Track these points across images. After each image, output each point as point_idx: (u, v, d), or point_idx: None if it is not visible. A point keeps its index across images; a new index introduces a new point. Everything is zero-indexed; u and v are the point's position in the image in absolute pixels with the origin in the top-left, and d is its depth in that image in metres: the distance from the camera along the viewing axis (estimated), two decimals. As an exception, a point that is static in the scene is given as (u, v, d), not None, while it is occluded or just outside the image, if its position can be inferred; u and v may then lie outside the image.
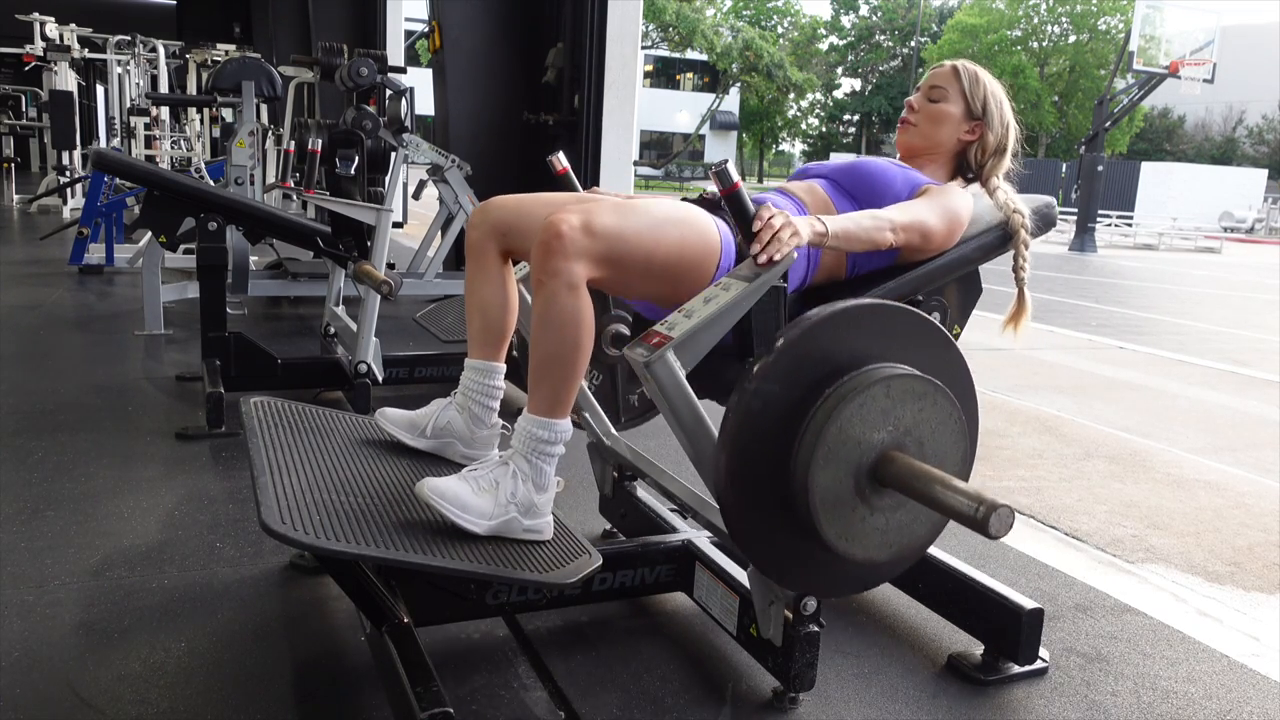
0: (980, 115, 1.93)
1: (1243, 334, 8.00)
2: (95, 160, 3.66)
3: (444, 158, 5.00)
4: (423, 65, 12.61)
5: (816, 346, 1.41)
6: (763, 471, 1.42)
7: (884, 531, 1.45)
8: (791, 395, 1.41)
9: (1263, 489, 3.50)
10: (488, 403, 1.82)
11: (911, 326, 1.50)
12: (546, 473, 1.59)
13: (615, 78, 4.92)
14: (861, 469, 1.41)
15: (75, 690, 1.61)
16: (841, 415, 1.38)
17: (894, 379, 1.41)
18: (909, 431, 1.43)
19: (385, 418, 1.84)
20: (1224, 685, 1.90)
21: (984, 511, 1.23)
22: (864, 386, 1.39)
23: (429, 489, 1.51)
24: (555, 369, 1.55)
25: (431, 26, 5.84)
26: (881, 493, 1.43)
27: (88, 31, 10.62)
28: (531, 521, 1.57)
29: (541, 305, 1.52)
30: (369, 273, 3.18)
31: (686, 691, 1.73)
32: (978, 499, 1.25)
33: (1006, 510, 1.23)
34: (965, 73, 1.94)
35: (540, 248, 1.51)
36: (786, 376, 1.40)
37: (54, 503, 2.42)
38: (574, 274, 1.50)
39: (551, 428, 1.57)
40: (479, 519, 1.52)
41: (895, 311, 1.49)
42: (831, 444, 1.38)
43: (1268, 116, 39.43)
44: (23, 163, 15.02)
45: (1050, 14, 39.66)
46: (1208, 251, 20.05)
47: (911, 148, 1.97)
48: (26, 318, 4.76)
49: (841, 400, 1.39)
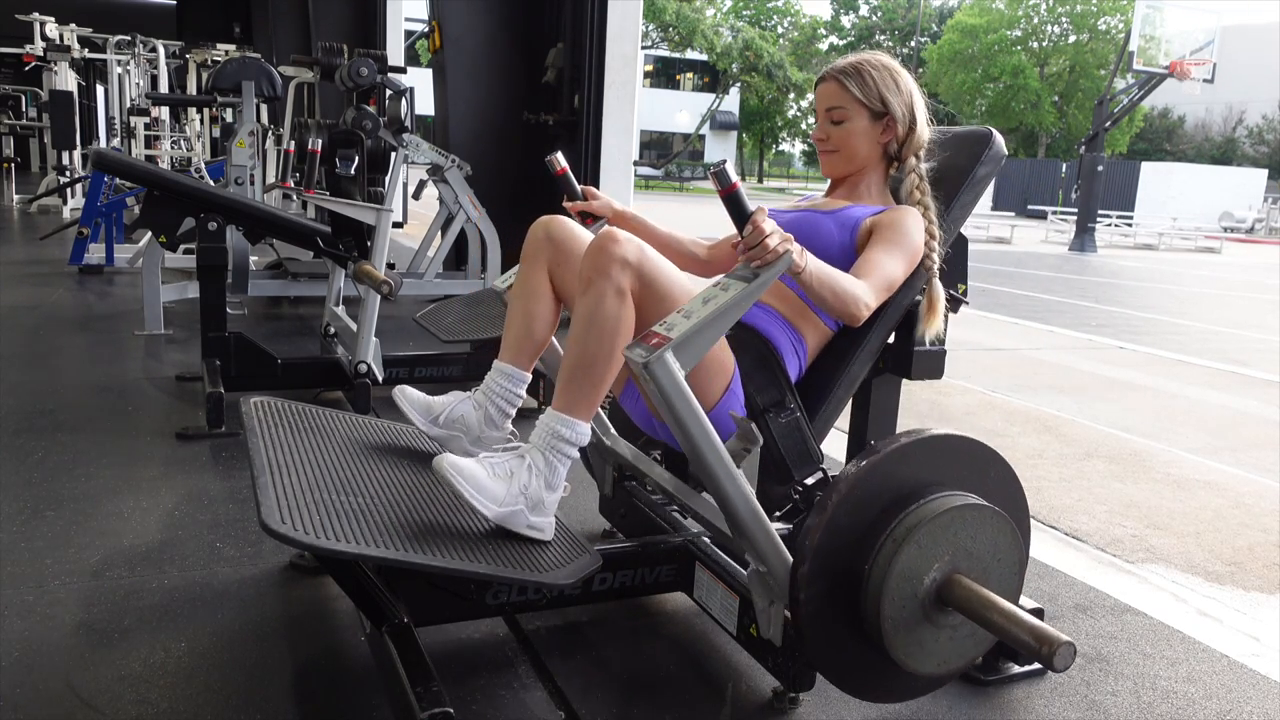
0: (884, 110, 1.88)
1: (1243, 334, 8.00)
2: (95, 160, 3.66)
3: (444, 158, 5.00)
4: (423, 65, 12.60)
5: (878, 481, 1.49)
6: (836, 598, 1.49)
7: (947, 649, 1.52)
8: (859, 528, 1.48)
9: (1263, 489, 3.50)
10: (506, 407, 1.82)
11: (966, 452, 1.58)
12: (560, 471, 1.60)
13: (615, 78, 4.92)
14: (928, 593, 1.48)
15: (75, 690, 1.61)
16: (913, 543, 1.46)
17: (960, 509, 1.49)
18: (970, 554, 1.50)
19: (404, 395, 1.84)
20: (1224, 685, 1.90)
21: (1048, 651, 1.31)
22: (929, 517, 1.47)
23: (448, 464, 1.51)
24: (589, 370, 1.56)
25: (431, 26, 5.84)
26: (946, 612, 1.50)
27: (88, 31, 10.62)
28: (536, 519, 1.58)
29: (589, 305, 1.54)
30: (369, 273, 3.18)
31: (687, 691, 1.73)
32: (1042, 638, 1.33)
33: (1069, 648, 1.31)
34: (850, 79, 1.88)
35: (595, 250, 1.55)
36: (853, 512, 1.48)
37: (54, 503, 2.42)
38: (623, 280, 1.54)
39: (573, 427, 1.58)
40: (491, 502, 1.52)
41: (951, 441, 1.57)
42: (902, 570, 1.46)
43: (1268, 116, 39.43)
44: (23, 163, 15.02)
45: (1050, 14, 39.67)
46: (1208, 251, 20.05)
47: (838, 173, 1.96)
48: (27, 318, 4.76)
49: (909, 531, 1.46)
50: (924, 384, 1.92)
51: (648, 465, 2.01)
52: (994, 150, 1.94)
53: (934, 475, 1.53)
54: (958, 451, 1.57)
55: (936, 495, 1.51)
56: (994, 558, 1.53)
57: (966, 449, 1.58)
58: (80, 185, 9.03)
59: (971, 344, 6.33)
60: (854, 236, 1.82)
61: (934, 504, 1.49)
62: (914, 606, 1.47)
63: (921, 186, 1.86)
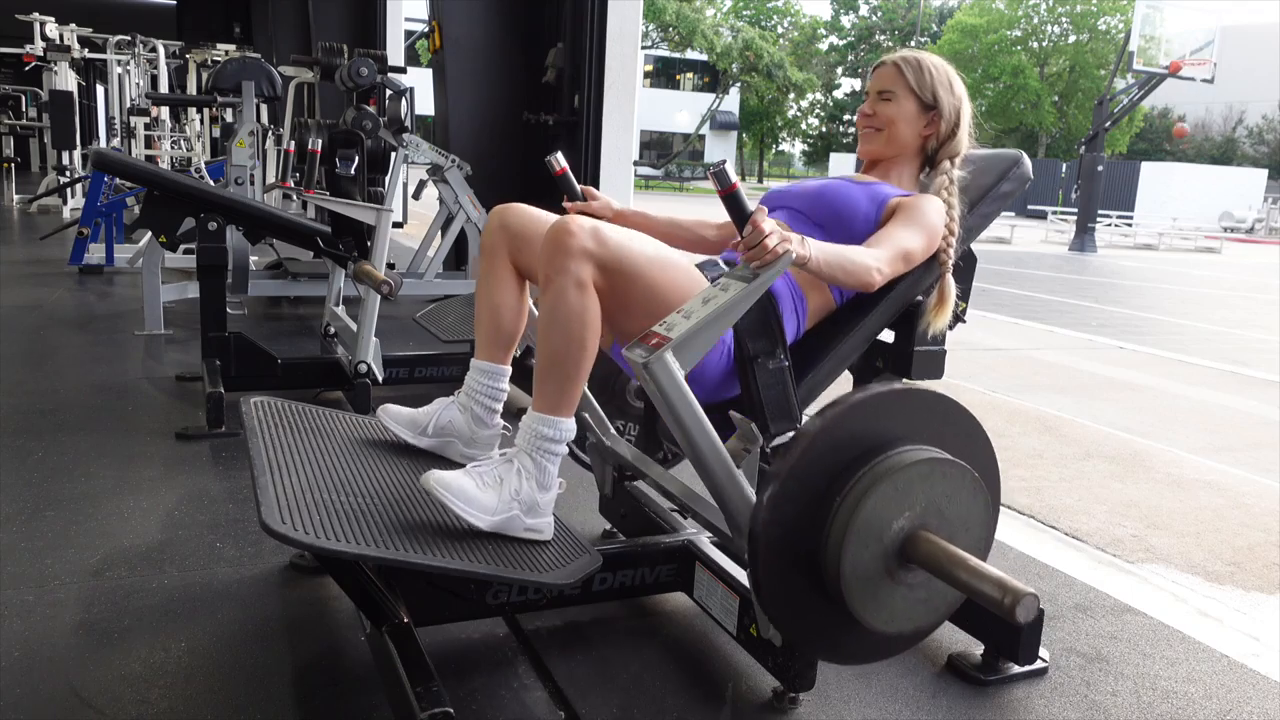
0: (934, 104, 1.90)
1: (1243, 334, 8.00)
2: (95, 160, 3.66)
3: (444, 158, 5.00)
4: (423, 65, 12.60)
5: (845, 432, 1.47)
6: (795, 550, 1.47)
7: (909, 606, 1.50)
8: (822, 479, 1.46)
9: (1263, 489, 3.50)
10: (491, 404, 1.82)
11: (937, 408, 1.55)
12: (550, 471, 1.59)
13: (615, 78, 4.92)
14: (891, 545, 1.46)
15: (75, 690, 1.61)
16: (873, 498, 1.43)
17: (923, 462, 1.46)
18: (937, 511, 1.48)
19: (387, 414, 1.85)
20: (1224, 685, 1.90)
21: (1010, 601, 1.29)
22: (894, 470, 1.44)
23: (435, 480, 1.51)
24: (561, 368, 1.56)
25: (431, 26, 5.84)
26: (909, 570, 1.47)
27: (88, 31, 10.62)
28: (533, 520, 1.58)
29: (550, 302, 1.53)
30: (369, 273, 3.18)
31: (687, 691, 1.73)
32: (1004, 589, 1.31)
33: (1032, 599, 1.29)
34: (908, 66, 1.90)
35: (549, 243, 1.53)
36: (817, 462, 1.45)
37: (54, 503, 2.42)
38: (582, 272, 1.52)
39: (556, 425, 1.58)
40: (483, 513, 1.52)
41: (922, 395, 1.54)
42: (863, 523, 1.43)
43: (1268, 116, 39.45)
44: (23, 163, 15.02)
45: (1050, 14, 39.68)
46: (1208, 251, 20.05)
47: (875, 155, 1.96)
48: (27, 318, 4.76)
49: (873, 483, 1.44)
50: (924, 384, 1.91)
51: (648, 465, 2.01)
52: (1021, 170, 1.96)
53: (901, 429, 1.50)
54: (926, 406, 1.54)
55: (902, 449, 1.48)
56: (960, 514, 1.49)
57: (935, 404, 1.54)
58: (80, 185, 9.03)
59: (972, 344, 6.33)
60: (879, 212, 1.82)
61: (899, 457, 1.46)
62: (876, 561, 1.44)
63: (950, 189, 1.86)
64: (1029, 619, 1.29)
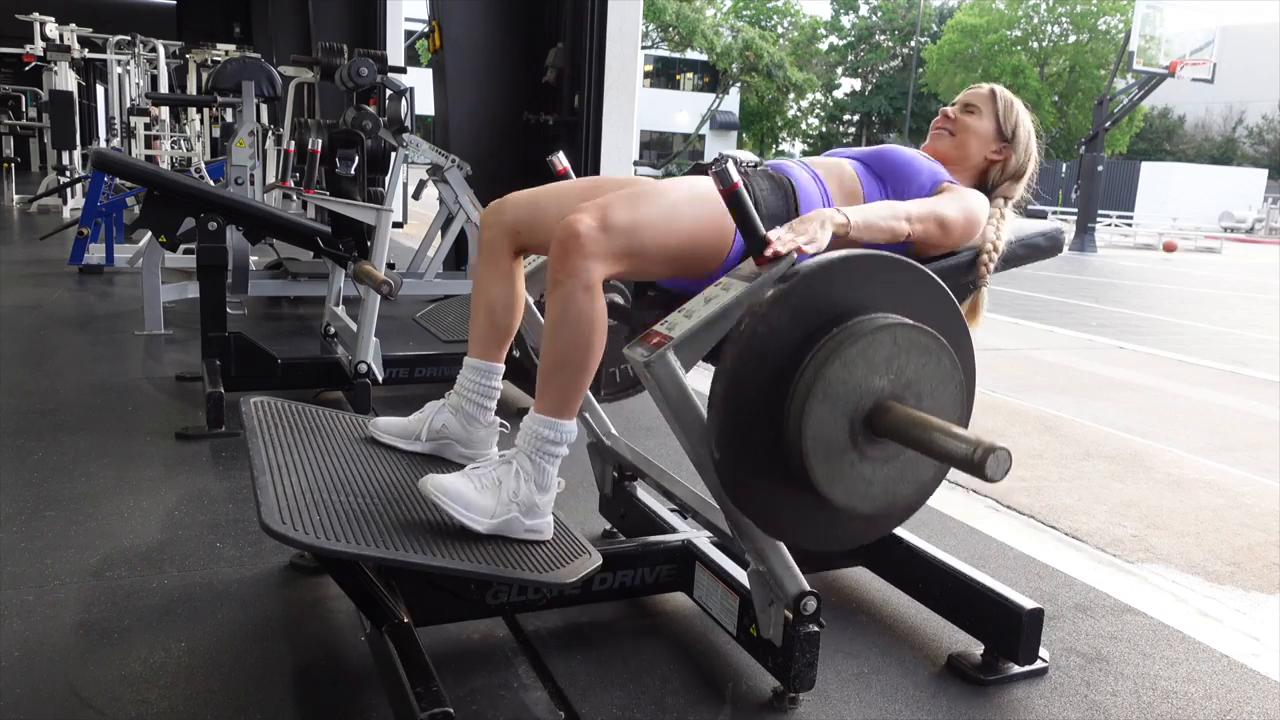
0: (1009, 139, 1.97)
1: (1243, 334, 8.00)
2: (95, 160, 3.66)
3: (444, 158, 5.00)
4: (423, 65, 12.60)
5: (822, 289, 1.42)
6: (758, 407, 1.42)
7: (871, 482, 1.44)
8: (793, 333, 1.41)
9: (1263, 489, 3.50)
10: (484, 402, 1.81)
11: (916, 281, 1.51)
12: (549, 473, 1.59)
13: (615, 78, 4.92)
14: (858, 413, 1.40)
15: (75, 690, 1.61)
16: (842, 357, 1.38)
17: (897, 327, 1.42)
18: (908, 383, 1.43)
19: (378, 428, 1.84)
20: (1224, 685, 1.90)
21: (981, 454, 1.23)
22: (867, 331, 1.40)
23: (432, 485, 1.51)
24: (566, 370, 1.56)
25: (431, 26, 5.84)
26: (875, 442, 1.42)
27: (88, 31, 10.62)
28: (533, 521, 1.57)
29: (557, 306, 1.53)
30: (369, 273, 3.18)
31: (686, 691, 1.73)
32: (974, 442, 1.25)
33: (1004, 452, 1.23)
34: (1001, 97, 1.99)
35: (558, 247, 1.52)
36: (790, 314, 1.40)
37: (54, 503, 2.42)
38: (591, 274, 1.51)
39: (558, 428, 1.58)
40: (481, 516, 1.52)
41: (901, 265, 1.50)
42: (829, 385, 1.38)
43: (1268, 117, 39.43)
44: (23, 163, 15.02)
45: (1050, 14, 39.65)
46: (1208, 251, 20.05)
47: (941, 154, 1.99)
48: (27, 318, 4.76)
49: (844, 342, 1.39)
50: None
51: (647, 465, 2.01)
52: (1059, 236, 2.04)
53: (867, 297, 1.45)
54: (905, 277, 1.49)
55: (869, 315, 1.44)
56: (932, 389, 1.45)
57: (915, 277, 1.50)
58: (80, 185, 9.03)
59: (971, 344, 6.32)
60: (932, 188, 1.84)
61: (866, 323, 1.41)
62: (841, 427, 1.40)
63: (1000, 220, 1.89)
64: (999, 476, 1.24)
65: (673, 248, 1.60)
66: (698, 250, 1.62)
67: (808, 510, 1.50)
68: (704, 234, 1.62)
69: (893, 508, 1.51)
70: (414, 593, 1.70)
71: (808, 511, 1.50)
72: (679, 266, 1.65)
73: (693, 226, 1.61)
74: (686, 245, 1.61)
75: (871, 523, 1.58)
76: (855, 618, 2.07)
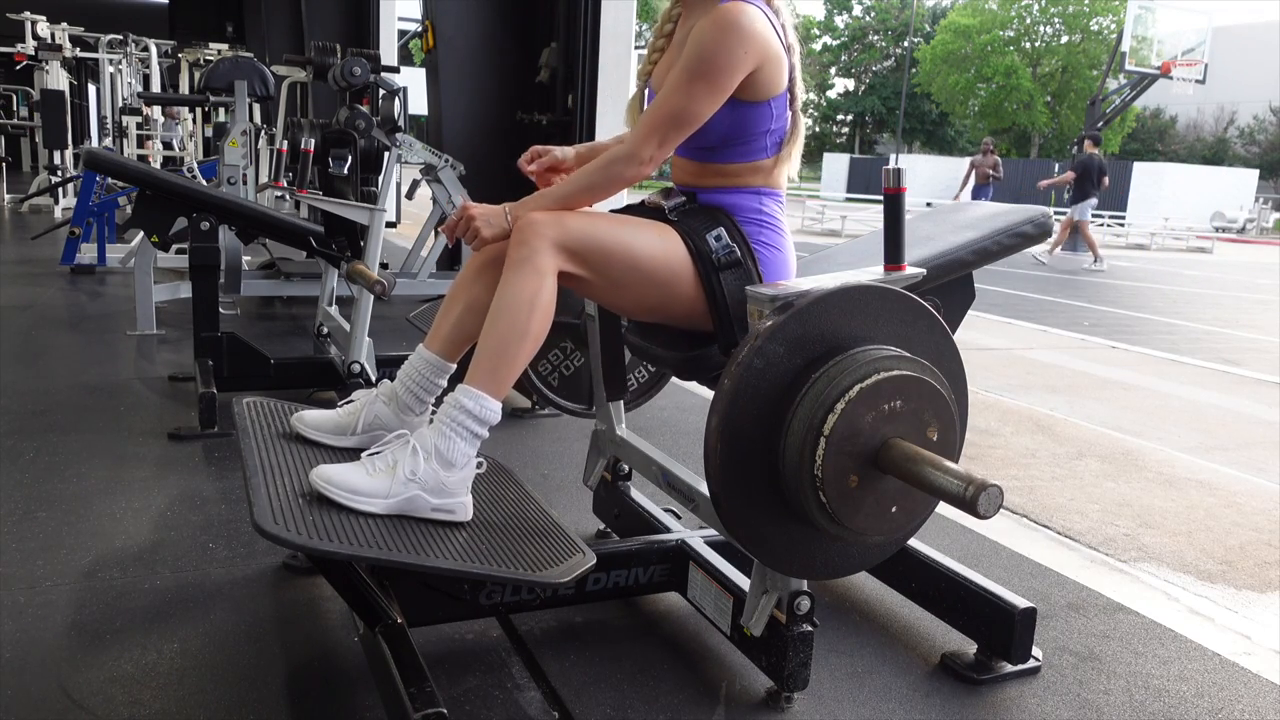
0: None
1: (1235, 333, 8.03)
2: (87, 160, 3.64)
3: (437, 157, 4.99)
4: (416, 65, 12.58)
5: (814, 325, 1.43)
6: (754, 445, 1.43)
7: (870, 514, 1.45)
8: (786, 370, 1.42)
9: (1254, 488, 3.51)
10: (424, 396, 1.74)
11: (905, 310, 1.52)
12: (459, 448, 1.54)
13: (609, 77, 4.91)
14: (851, 449, 1.41)
15: (67, 691, 1.61)
16: (834, 394, 1.39)
17: (888, 360, 1.42)
18: (900, 414, 1.43)
19: (303, 423, 1.74)
20: (1215, 684, 1.91)
21: (973, 491, 1.25)
22: (858, 366, 1.41)
23: (318, 476, 1.48)
24: (502, 345, 1.55)
25: (425, 26, 5.83)
26: (871, 475, 1.43)
27: (79, 30, 10.59)
28: (441, 500, 1.53)
29: (504, 284, 1.56)
30: (362, 272, 3.17)
31: (680, 691, 1.73)
32: (967, 479, 1.27)
33: (996, 490, 1.25)
34: None
35: (516, 230, 1.58)
36: (785, 347, 1.41)
37: (46, 503, 2.41)
38: (542, 259, 1.54)
39: (482, 402, 1.55)
40: (373, 498, 1.49)
41: (890, 295, 1.50)
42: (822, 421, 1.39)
43: (1259, 117, 39.57)
44: (14, 162, 14.95)
45: (1043, 14, 39.75)
46: (1199, 251, 20.11)
47: None
48: (18, 318, 4.74)
49: (835, 378, 1.40)
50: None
51: (656, 458, 2.00)
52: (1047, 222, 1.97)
53: (860, 330, 1.46)
54: (888, 306, 1.50)
55: (861, 348, 1.44)
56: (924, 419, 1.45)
57: (897, 303, 1.51)
58: (72, 185, 8.99)
59: (964, 343, 6.31)
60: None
61: (857, 357, 1.42)
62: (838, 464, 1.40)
63: None
64: (990, 513, 1.26)
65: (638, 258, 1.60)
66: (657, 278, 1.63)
67: (806, 541, 1.51)
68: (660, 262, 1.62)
69: (896, 533, 1.53)
70: (407, 593, 1.70)
71: (806, 542, 1.51)
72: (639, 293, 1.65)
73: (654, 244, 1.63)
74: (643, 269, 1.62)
75: (877, 550, 1.60)
76: (849, 617, 2.08)
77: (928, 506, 1.52)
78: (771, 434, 1.43)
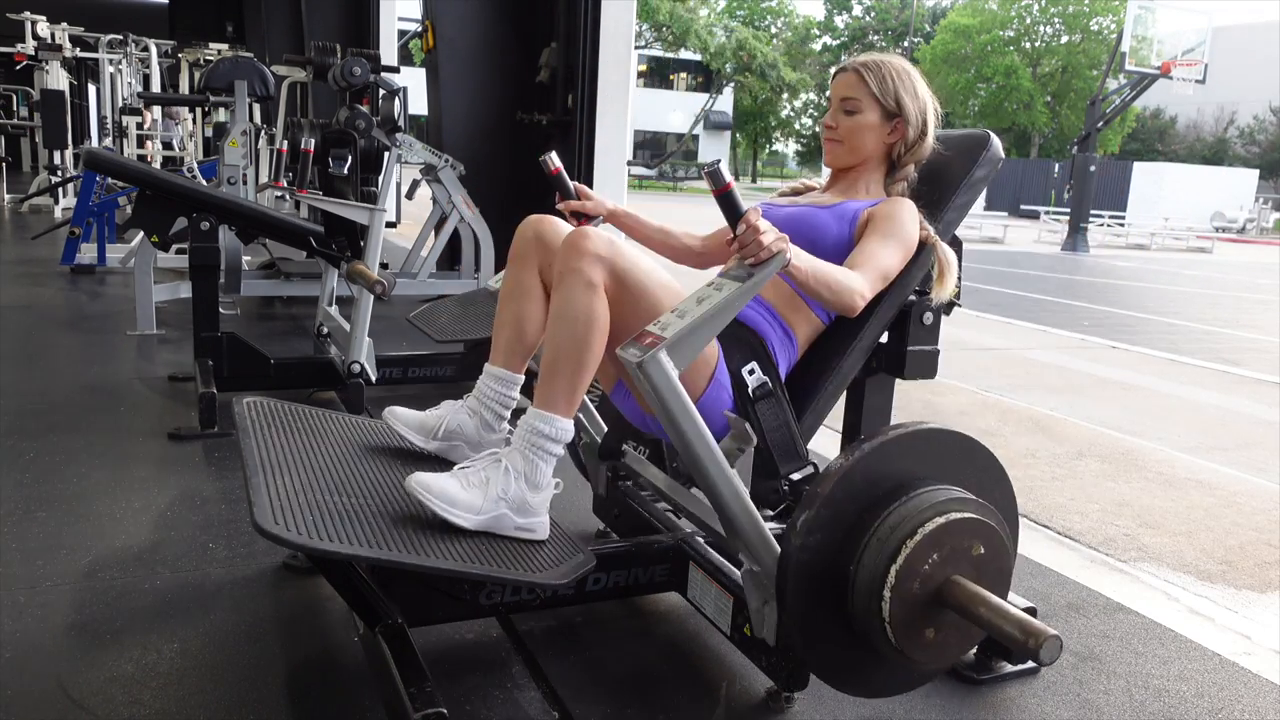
0: (897, 112, 1.89)
1: (1235, 333, 8.03)
2: (87, 160, 3.64)
3: (437, 157, 4.99)
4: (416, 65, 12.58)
5: (865, 474, 1.49)
6: (823, 593, 1.49)
7: (939, 644, 1.51)
8: (846, 522, 1.48)
9: (1254, 488, 3.51)
10: (501, 411, 1.81)
11: (954, 446, 1.57)
12: (542, 470, 1.59)
13: (609, 77, 4.91)
14: (917, 591, 1.46)
15: (67, 691, 1.61)
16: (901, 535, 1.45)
17: (950, 502, 1.48)
18: (961, 552, 1.48)
19: (395, 417, 1.82)
20: (1215, 683, 1.91)
21: (1035, 645, 1.32)
22: (915, 512, 1.46)
23: (417, 483, 1.52)
24: (566, 365, 1.57)
25: (425, 26, 5.83)
26: (939, 611, 1.48)
27: (79, 30, 10.58)
28: (525, 520, 1.57)
29: (559, 301, 1.56)
30: (362, 273, 3.17)
31: (680, 691, 1.74)
32: (1031, 631, 1.33)
33: (1056, 641, 1.32)
34: (870, 74, 1.88)
35: (566, 245, 1.58)
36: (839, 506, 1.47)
37: (46, 503, 2.41)
38: (593, 273, 1.55)
39: (553, 424, 1.58)
40: (467, 513, 1.52)
41: (944, 435, 1.56)
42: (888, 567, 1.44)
43: (1259, 117, 39.56)
44: (14, 162, 14.95)
45: (1043, 14, 39.76)
46: (1199, 251, 20.12)
47: (840, 164, 1.95)
48: (18, 318, 4.74)
49: (903, 518, 1.46)
50: (917, 383, 1.92)
51: (642, 464, 2.01)
52: (991, 153, 1.93)
53: (921, 469, 1.52)
54: (945, 445, 1.56)
55: (923, 489, 1.50)
56: (984, 552, 1.51)
57: (954, 443, 1.57)
58: (72, 185, 8.99)
59: (965, 343, 6.34)
60: (852, 229, 1.83)
61: (920, 499, 1.48)
62: (905, 602, 1.46)
63: (906, 192, 1.89)
64: (1050, 660, 1.33)
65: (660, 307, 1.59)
66: None
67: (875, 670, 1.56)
68: None
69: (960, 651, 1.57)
70: (408, 593, 1.70)
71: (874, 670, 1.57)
72: None
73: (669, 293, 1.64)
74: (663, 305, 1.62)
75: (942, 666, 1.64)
76: (849, 617, 2.08)
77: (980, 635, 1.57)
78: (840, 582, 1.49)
